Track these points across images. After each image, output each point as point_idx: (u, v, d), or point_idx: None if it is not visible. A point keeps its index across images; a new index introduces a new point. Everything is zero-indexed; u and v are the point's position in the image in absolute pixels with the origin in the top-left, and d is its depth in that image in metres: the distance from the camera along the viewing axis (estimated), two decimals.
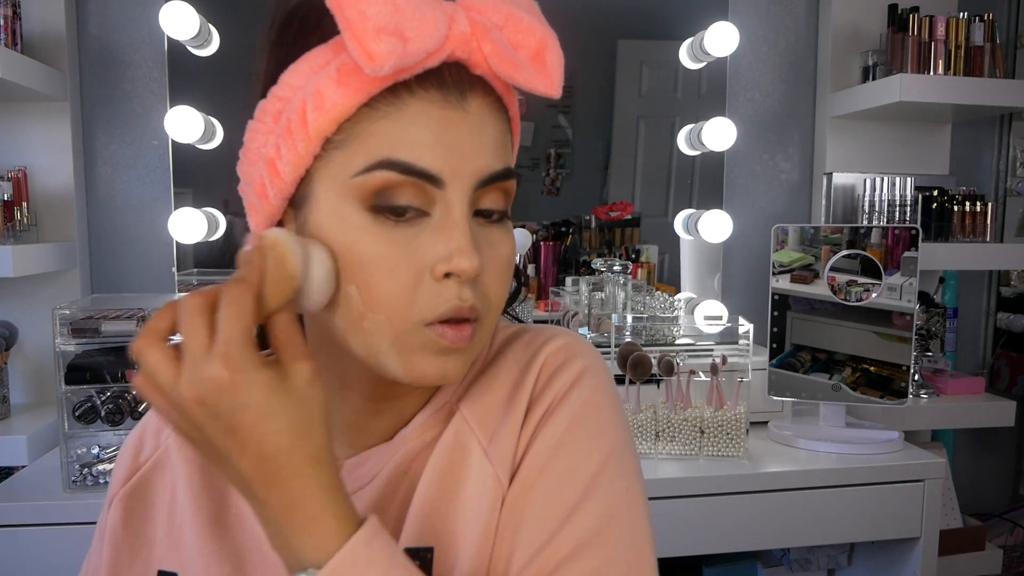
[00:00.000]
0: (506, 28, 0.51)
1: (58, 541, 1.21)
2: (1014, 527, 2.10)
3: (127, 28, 1.69)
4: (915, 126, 1.95)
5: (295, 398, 0.45)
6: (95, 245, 1.72)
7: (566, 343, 0.60)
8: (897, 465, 1.45)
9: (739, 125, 1.82)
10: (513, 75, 0.51)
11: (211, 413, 0.44)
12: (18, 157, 1.59)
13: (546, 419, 0.56)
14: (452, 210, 0.50)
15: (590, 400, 0.57)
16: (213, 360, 0.44)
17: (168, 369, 0.45)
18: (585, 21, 1.89)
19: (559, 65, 0.53)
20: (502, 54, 0.50)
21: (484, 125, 0.52)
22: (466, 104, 0.51)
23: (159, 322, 0.46)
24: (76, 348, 1.27)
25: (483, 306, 0.52)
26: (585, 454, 0.55)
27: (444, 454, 0.57)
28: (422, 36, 0.47)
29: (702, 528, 1.37)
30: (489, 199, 0.53)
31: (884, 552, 1.57)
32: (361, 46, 0.46)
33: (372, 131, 0.49)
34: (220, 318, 0.44)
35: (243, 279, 0.46)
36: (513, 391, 0.58)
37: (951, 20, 1.74)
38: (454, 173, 0.50)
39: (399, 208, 0.50)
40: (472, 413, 0.58)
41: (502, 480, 0.55)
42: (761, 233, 1.93)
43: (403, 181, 0.49)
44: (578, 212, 1.94)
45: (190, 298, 0.45)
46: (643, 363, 1.44)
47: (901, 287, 1.50)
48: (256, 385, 0.44)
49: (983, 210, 1.81)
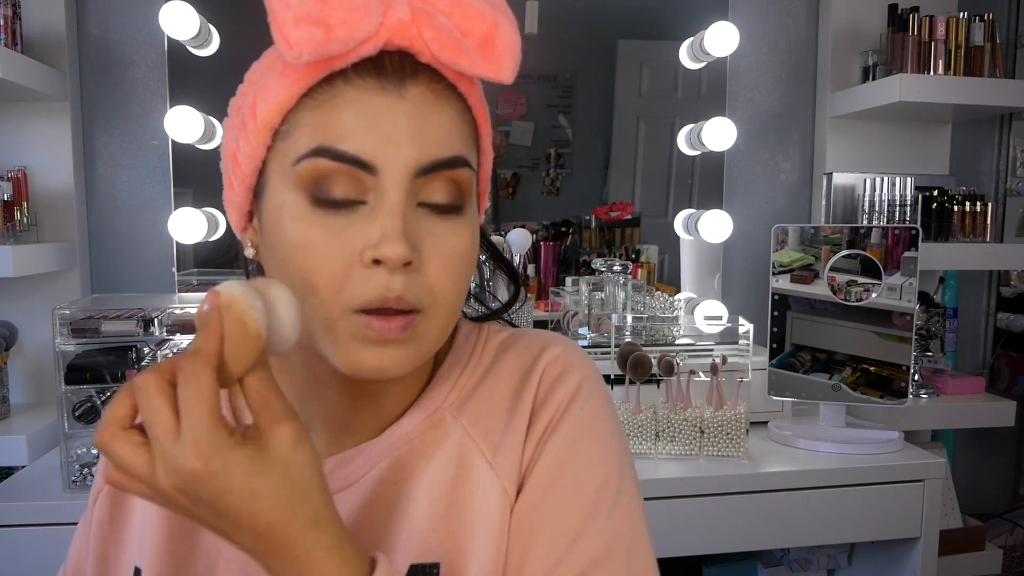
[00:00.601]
0: (454, 14, 0.50)
1: (58, 541, 1.21)
2: (1014, 527, 2.09)
3: (127, 28, 1.69)
4: (915, 126, 1.95)
5: (279, 469, 0.44)
6: (95, 245, 1.72)
7: (564, 351, 0.60)
8: (897, 465, 1.45)
9: (739, 125, 1.82)
10: (456, 60, 0.50)
11: (193, 500, 0.43)
12: (18, 157, 1.59)
13: (550, 433, 0.57)
14: (385, 198, 0.50)
15: (592, 413, 0.58)
16: (183, 449, 0.41)
17: (140, 458, 0.43)
18: (585, 21, 1.89)
19: (510, 49, 0.51)
20: (444, 40, 0.50)
21: (426, 111, 0.51)
22: (404, 91, 0.50)
23: (118, 409, 0.44)
24: (76, 348, 1.27)
25: (424, 299, 0.51)
26: (590, 470, 0.56)
27: (447, 468, 0.56)
28: (349, 23, 0.47)
29: (702, 528, 1.37)
30: (434, 189, 0.52)
31: (884, 552, 1.57)
32: (281, 33, 0.47)
33: (309, 120, 0.50)
34: (181, 400, 0.42)
35: (199, 351, 0.43)
36: (514, 401, 0.58)
37: (951, 20, 1.74)
38: (387, 160, 0.49)
39: (338, 200, 0.50)
40: (474, 425, 0.58)
41: (509, 492, 0.55)
42: (761, 233, 1.93)
43: (336, 168, 0.49)
44: (578, 212, 1.94)
45: (146, 378, 0.43)
46: (643, 363, 1.44)
47: (901, 287, 1.50)
48: (233, 469, 0.42)
49: (983, 210, 1.81)
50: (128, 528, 0.62)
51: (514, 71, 0.52)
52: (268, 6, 0.47)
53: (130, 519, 0.62)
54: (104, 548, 0.62)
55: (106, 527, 0.63)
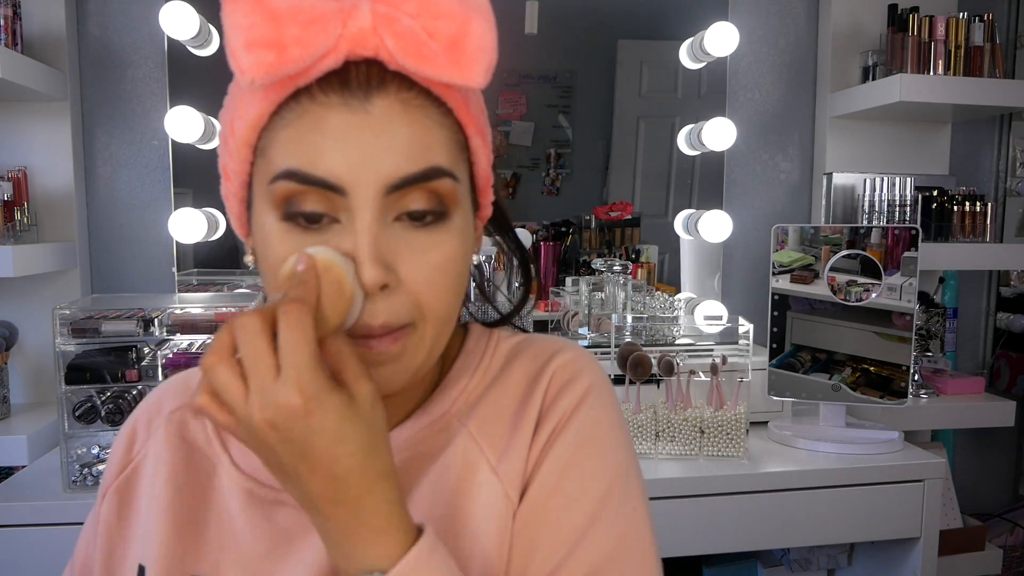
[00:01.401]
0: (421, 16, 0.47)
1: (58, 541, 1.21)
2: (1014, 527, 2.09)
3: (127, 28, 1.69)
4: (915, 126, 1.95)
5: (363, 420, 0.46)
6: (95, 245, 1.72)
7: (573, 357, 0.60)
8: (897, 465, 1.45)
9: (739, 125, 1.82)
10: (421, 69, 0.48)
11: (283, 437, 0.44)
12: (18, 157, 1.59)
13: (555, 438, 0.56)
14: (355, 219, 0.48)
15: (598, 419, 0.58)
16: (285, 386, 0.43)
17: (238, 389, 0.44)
18: (585, 21, 1.89)
19: (481, 52, 0.48)
20: (407, 47, 0.47)
21: (395, 125, 0.49)
22: (370, 106, 0.48)
23: (224, 340, 0.45)
24: (76, 348, 1.28)
25: (411, 314, 0.51)
26: (594, 476, 0.56)
27: (450, 472, 0.56)
28: (304, 41, 0.46)
29: (702, 528, 1.37)
30: (414, 200, 0.50)
31: (884, 552, 1.57)
32: (232, 58, 0.47)
33: (280, 139, 0.49)
34: (284, 341, 0.44)
35: (301, 300, 0.45)
36: (521, 406, 0.58)
37: (951, 20, 1.74)
38: (356, 180, 0.48)
39: (308, 215, 0.49)
40: (480, 431, 0.58)
41: (511, 497, 0.55)
42: (761, 233, 1.93)
43: (305, 191, 0.48)
44: (578, 212, 1.94)
45: (249, 319, 0.45)
46: (643, 363, 1.44)
47: (901, 287, 1.50)
48: (329, 411, 0.44)
49: (983, 210, 1.81)
50: (134, 526, 0.62)
51: (486, 74, 0.49)
52: (223, 30, 0.47)
53: (136, 517, 0.62)
54: (111, 545, 0.63)
55: (113, 524, 0.63)
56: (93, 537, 0.65)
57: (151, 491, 0.61)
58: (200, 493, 0.60)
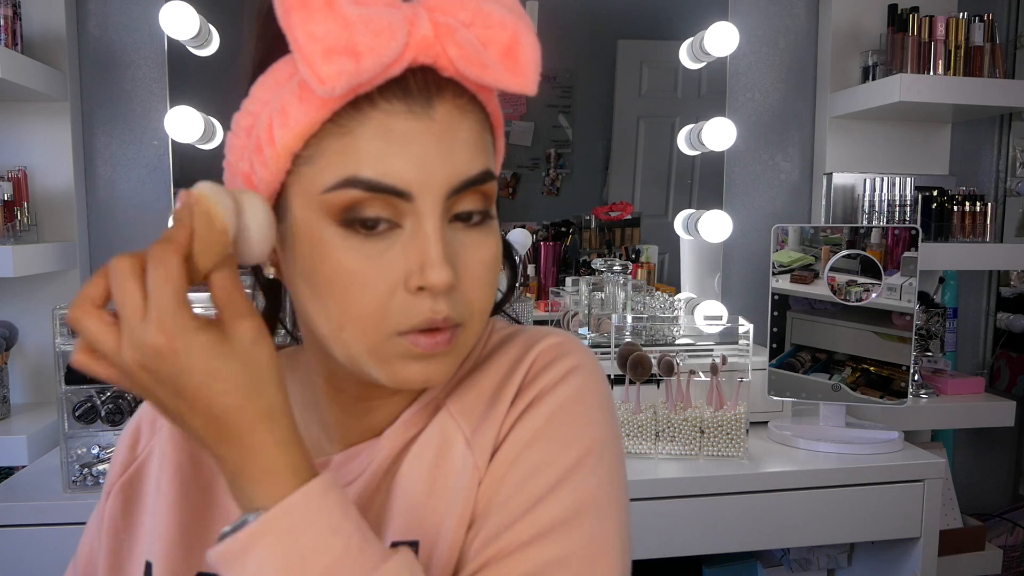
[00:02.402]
0: (474, 25, 0.49)
1: (58, 541, 1.21)
2: (1014, 527, 2.10)
3: (127, 28, 1.69)
4: (915, 126, 1.95)
5: (239, 358, 0.46)
6: (95, 245, 1.72)
7: (560, 341, 0.59)
8: (897, 465, 1.45)
9: (739, 125, 1.82)
10: (481, 76, 0.49)
11: (155, 379, 0.45)
12: (18, 157, 1.59)
13: (528, 410, 0.55)
14: (423, 223, 0.49)
15: (576, 396, 0.56)
16: (150, 326, 0.44)
17: (109, 336, 0.45)
18: (585, 21, 1.89)
19: (533, 60, 0.50)
20: (469, 56, 0.48)
21: (454, 130, 0.50)
22: (432, 112, 0.49)
23: (93, 289, 0.46)
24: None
25: (463, 313, 0.52)
26: (562, 447, 0.54)
27: (428, 448, 0.56)
28: (377, 50, 0.46)
29: (702, 528, 1.37)
30: (466, 202, 0.51)
31: (884, 552, 1.57)
32: (311, 69, 0.45)
33: (337, 147, 0.49)
34: (149, 281, 0.44)
35: (169, 239, 0.45)
36: (501, 384, 0.58)
37: (951, 20, 1.74)
38: (423, 185, 0.49)
39: (369, 221, 0.49)
40: (458, 407, 0.58)
41: (480, 467, 0.55)
42: (761, 233, 1.93)
43: (369, 197, 0.48)
44: (578, 212, 1.94)
45: (119, 261, 0.45)
46: (643, 363, 1.44)
47: (901, 287, 1.50)
48: (195, 349, 0.44)
49: (983, 210, 1.81)
50: (139, 523, 0.63)
51: (537, 82, 0.51)
52: (291, 38, 0.46)
53: (142, 514, 0.63)
54: (117, 543, 0.63)
55: (119, 521, 0.63)
56: (97, 535, 0.65)
57: (157, 488, 0.62)
58: (206, 489, 0.61)
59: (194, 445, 0.62)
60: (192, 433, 0.47)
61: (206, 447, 0.47)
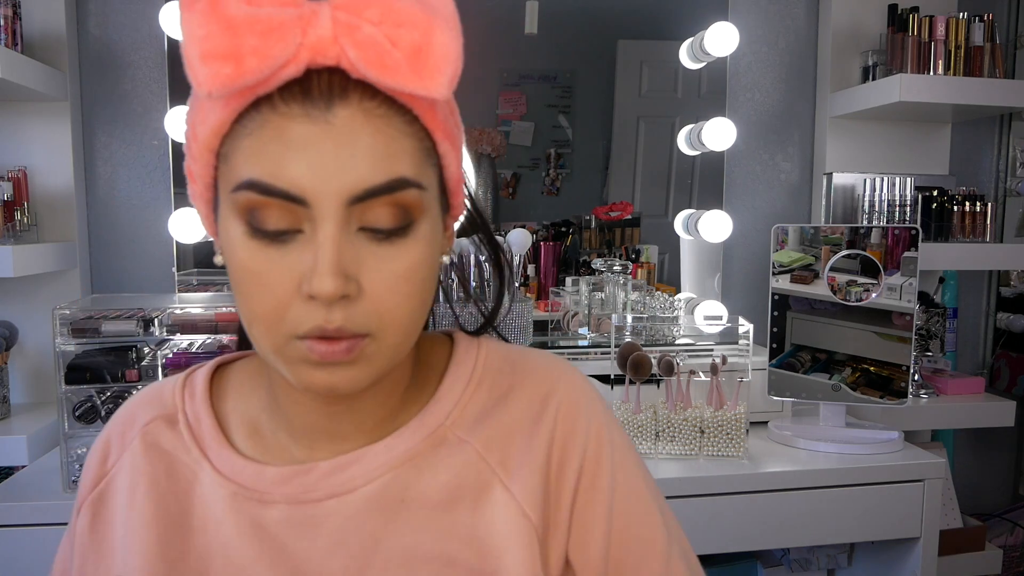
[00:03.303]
0: (384, 23, 0.46)
1: (58, 541, 1.20)
2: (1014, 527, 2.10)
3: (127, 28, 1.69)
4: (915, 126, 1.95)
5: None
6: (95, 245, 1.72)
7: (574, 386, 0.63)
8: (897, 465, 1.45)
9: (739, 125, 1.82)
10: (383, 78, 0.47)
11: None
12: (18, 157, 1.59)
13: (589, 486, 0.60)
14: (318, 229, 0.48)
15: (619, 457, 0.62)
16: None
17: None
18: (585, 21, 1.89)
19: (445, 62, 0.47)
20: (369, 57, 0.46)
21: (356, 136, 0.48)
22: (331, 116, 0.47)
23: None
24: (76, 348, 1.27)
25: (370, 324, 0.50)
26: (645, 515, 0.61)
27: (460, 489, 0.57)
28: (262, 52, 0.45)
29: (702, 528, 1.37)
30: (376, 214, 0.49)
31: (884, 552, 1.57)
32: (191, 71, 0.45)
33: (242, 148, 0.49)
34: None
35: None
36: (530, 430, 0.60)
37: (951, 20, 1.74)
38: (318, 192, 0.47)
39: (270, 228, 0.49)
40: (488, 450, 0.59)
41: (529, 515, 0.57)
42: (761, 233, 1.93)
43: (267, 202, 0.48)
44: (578, 212, 1.94)
45: None
46: (643, 363, 1.44)
47: (901, 287, 1.50)
48: None
49: (983, 210, 1.81)
50: (110, 539, 0.61)
51: (450, 85, 0.47)
52: (182, 41, 0.45)
53: (112, 530, 0.61)
54: (83, 560, 0.61)
55: (87, 537, 0.62)
56: (70, 551, 0.64)
57: (130, 503, 0.60)
58: (183, 501, 0.59)
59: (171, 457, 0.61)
60: None
61: None
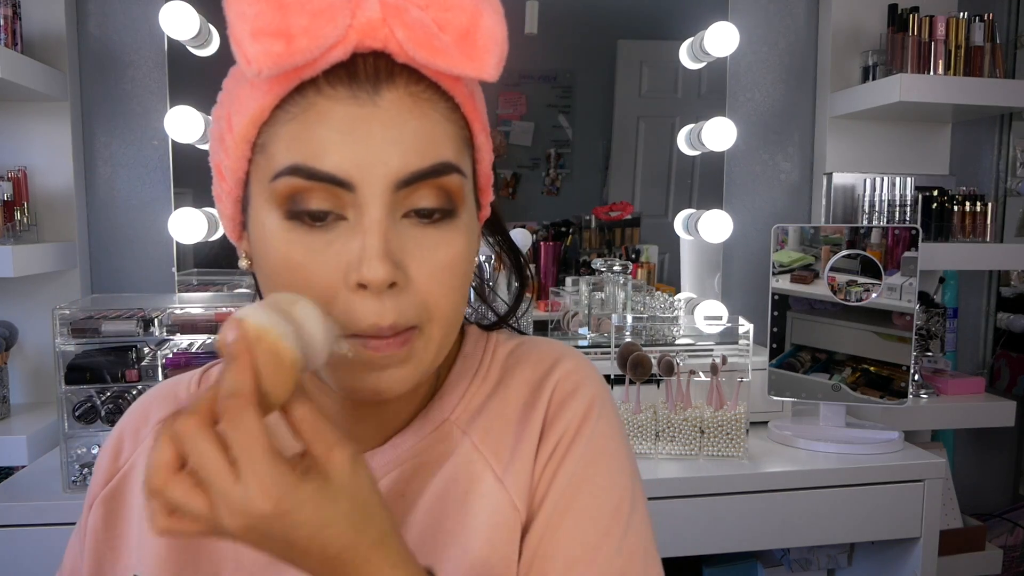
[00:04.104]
0: (430, 6, 0.46)
1: (58, 541, 1.20)
2: (1014, 527, 2.09)
3: (127, 28, 1.69)
4: (915, 126, 1.95)
5: (345, 496, 0.43)
6: (95, 245, 1.72)
7: (575, 367, 0.60)
8: (897, 465, 1.45)
9: (739, 125, 1.82)
10: (432, 60, 0.46)
11: (263, 537, 0.42)
12: (18, 157, 1.59)
13: (565, 454, 0.56)
14: (364, 215, 0.47)
15: (605, 433, 0.58)
16: (248, 491, 0.40)
17: (198, 500, 0.41)
18: (585, 21, 1.89)
19: (493, 44, 0.47)
20: (419, 39, 0.46)
21: (403, 119, 0.47)
22: (378, 99, 0.47)
23: (162, 455, 0.41)
24: (76, 348, 1.27)
25: (419, 315, 0.49)
26: (604, 492, 0.56)
27: (456, 484, 0.56)
28: (312, 31, 0.44)
29: (702, 528, 1.37)
30: (422, 197, 0.48)
31: (884, 552, 1.57)
32: (239, 49, 0.44)
33: (283, 134, 0.47)
34: (233, 443, 0.40)
35: (236, 391, 0.41)
36: (524, 416, 0.58)
37: (951, 20, 1.74)
38: (365, 176, 0.46)
39: (313, 213, 0.47)
40: (484, 441, 0.57)
41: (519, 508, 0.55)
42: (761, 233, 1.93)
43: (311, 187, 0.47)
44: (578, 212, 1.94)
45: (184, 425, 0.41)
46: (643, 363, 1.44)
47: (901, 287, 1.50)
48: (304, 505, 0.41)
49: (983, 210, 1.81)
50: (125, 536, 0.61)
51: (498, 67, 0.48)
52: (228, 19, 0.45)
53: (127, 527, 0.61)
54: (99, 556, 0.61)
55: (101, 534, 0.62)
56: (80, 547, 0.64)
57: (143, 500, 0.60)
58: None
59: None
60: (300, 570, 0.45)
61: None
